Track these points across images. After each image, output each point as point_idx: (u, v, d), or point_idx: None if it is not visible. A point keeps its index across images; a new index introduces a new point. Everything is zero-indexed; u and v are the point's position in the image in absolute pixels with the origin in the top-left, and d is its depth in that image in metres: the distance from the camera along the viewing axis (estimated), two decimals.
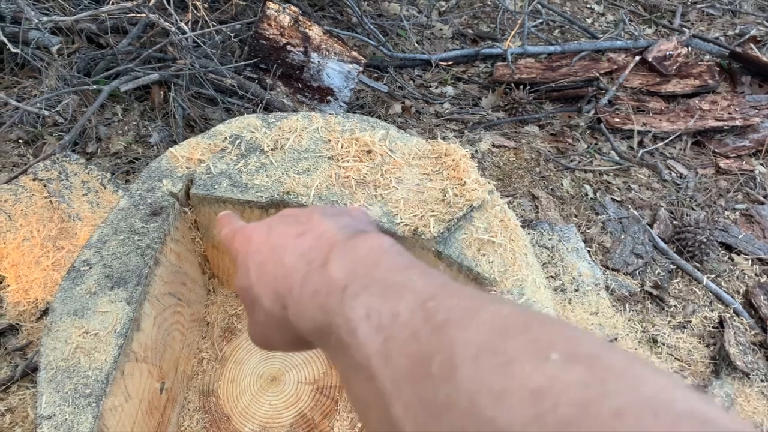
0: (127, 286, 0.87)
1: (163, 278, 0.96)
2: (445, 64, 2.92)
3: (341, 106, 2.38)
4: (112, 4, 2.04)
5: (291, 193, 1.00)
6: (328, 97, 2.37)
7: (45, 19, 1.99)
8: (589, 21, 3.42)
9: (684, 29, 3.16)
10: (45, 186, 1.85)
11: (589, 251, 2.04)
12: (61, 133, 2.15)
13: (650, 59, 2.85)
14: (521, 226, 2.03)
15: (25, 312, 1.60)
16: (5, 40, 1.74)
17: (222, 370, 1.18)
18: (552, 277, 1.90)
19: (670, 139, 2.57)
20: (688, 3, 3.54)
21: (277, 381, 1.17)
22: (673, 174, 2.47)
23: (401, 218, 0.99)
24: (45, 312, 1.60)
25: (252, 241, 0.47)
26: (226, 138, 1.07)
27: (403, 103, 2.65)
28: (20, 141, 2.12)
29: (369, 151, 1.08)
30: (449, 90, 2.82)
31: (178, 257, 1.02)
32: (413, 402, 0.26)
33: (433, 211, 1.00)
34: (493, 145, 2.49)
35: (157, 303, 0.94)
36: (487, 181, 1.04)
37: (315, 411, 1.14)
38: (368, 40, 2.79)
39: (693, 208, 2.32)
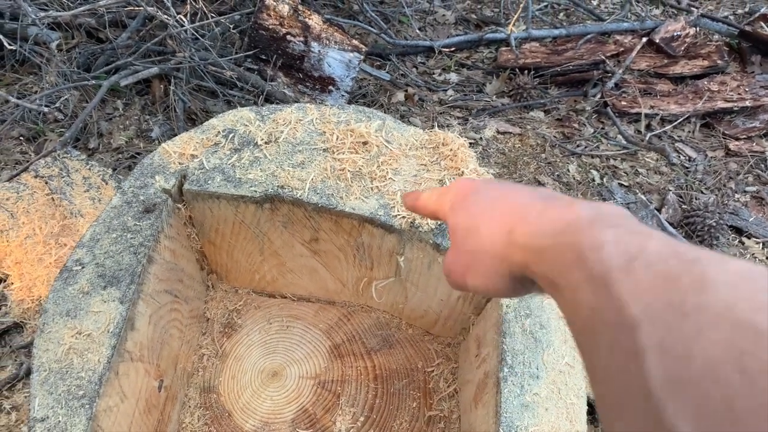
0: (120, 285, 0.86)
1: (157, 276, 0.94)
2: (448, 50, 2.88)
3: (343, 95, 2.35)
4: None
5: (285, 187, 0.98)
6: (330, 87, 2.34)
7: (42, 14, 1.97)
8: (594, 2, 3.36)
9: (692, 9, 3.09)
10: (47, 183, 1.84)
11: None
12: (62, 130, 2.14)
13: (657, 40, 2.79)
14: None
15: (30, 310, 1.60)
16: (1, 36, 1.73)
17: (222, 366, 1.17)
18: None
19: (679, 121, 2.52)
20: None
21: (278, 376, 1.16)
22: (682, 157, 2.43)
23: (398, 210, 0.97)
24: None
25: (476, 183, 0.53)
26: (219, 132, 1.06)
27: (406, 91, 2.62)
28: (22, 138, 2.12)
29: (365, 143, 1.06)
30: (453, 77, 2.78)
31: (173, 254, 1.00)
32: (655, 305, 0.30)
33: None
34: (498, 132, 2.46)
35: (151, 301, 0.92)
36: (485, 170, 1.02)
37: (317, 406, 1.13)
38: (370, 27, 2.76)
39: (702, 192, 2.28)
